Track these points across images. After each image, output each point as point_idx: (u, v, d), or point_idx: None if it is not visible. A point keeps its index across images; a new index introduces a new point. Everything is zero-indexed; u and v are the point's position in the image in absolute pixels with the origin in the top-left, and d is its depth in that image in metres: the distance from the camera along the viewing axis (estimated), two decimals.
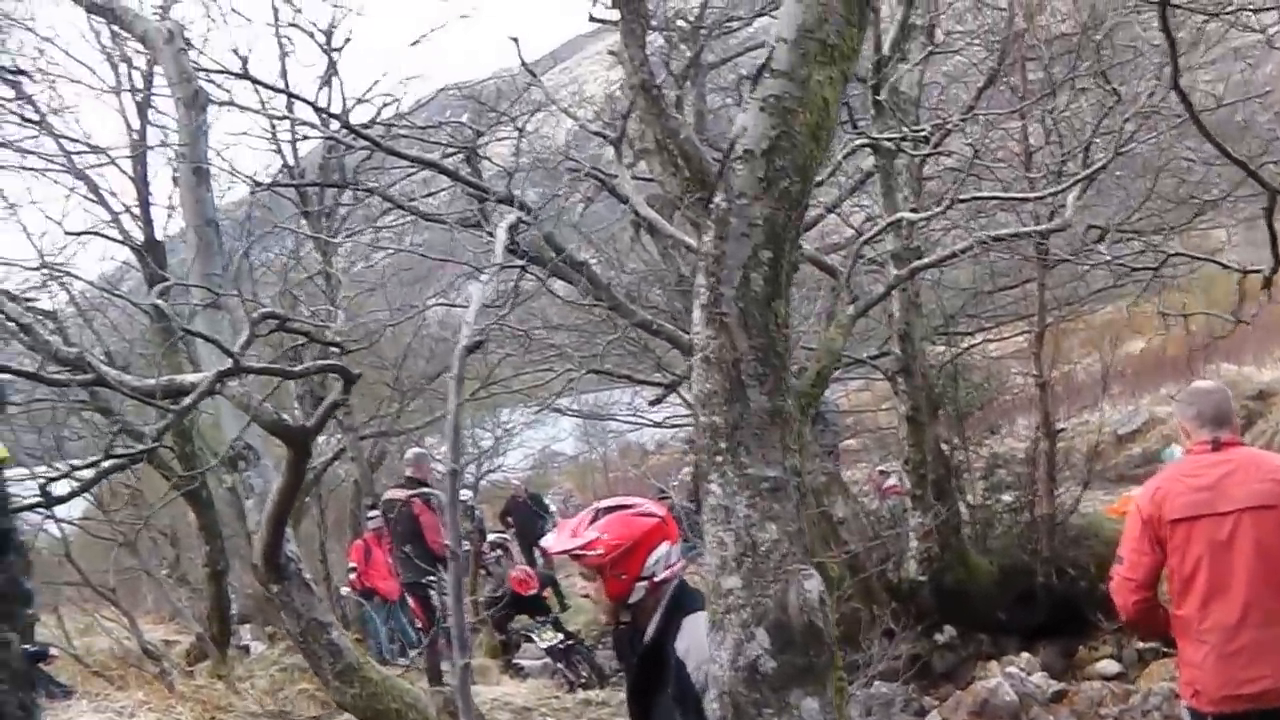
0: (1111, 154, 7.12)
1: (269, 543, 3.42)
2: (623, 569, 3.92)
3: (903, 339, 11.69)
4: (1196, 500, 5.05)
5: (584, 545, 3.90)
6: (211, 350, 3.72)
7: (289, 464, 3.20)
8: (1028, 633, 12.34)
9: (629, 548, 3.93)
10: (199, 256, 3.85)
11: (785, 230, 2.77)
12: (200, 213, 3.91)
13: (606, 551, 3.89)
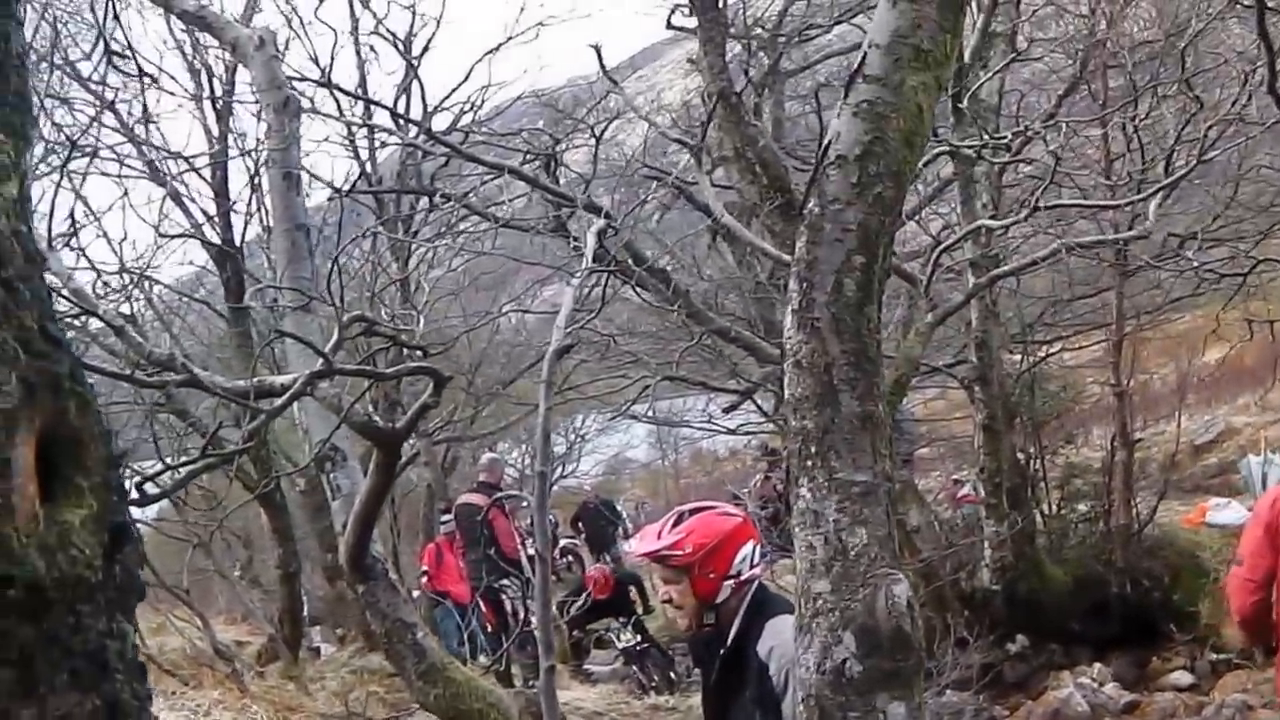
0: (1195, 162, 7.04)
1: (356, 543, 3.47)
2: (711, 568, 3.94)
3: (980, 347, 11.63)
4: None
5: (671, 545, 3.92)
6: (299, 353, 3.78)
7: (378, 466, 3.25)
8: (1100, 643, 12.24)
9: (715, 546, 3.95)
10: (288, 260, 3.91)
11: (878, 236, 2.77)
12: (290, 217, 3.97)
13: (694, 550, 3.91)
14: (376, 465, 3.28)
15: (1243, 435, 16.78)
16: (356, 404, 3.12)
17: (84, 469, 1.07)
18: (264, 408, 2.89)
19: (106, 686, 1.08)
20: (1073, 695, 10.77)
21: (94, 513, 1.08)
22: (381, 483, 3.31)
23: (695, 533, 3.95)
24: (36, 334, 1.02)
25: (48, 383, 1.02)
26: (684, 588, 3.99)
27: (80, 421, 1.06)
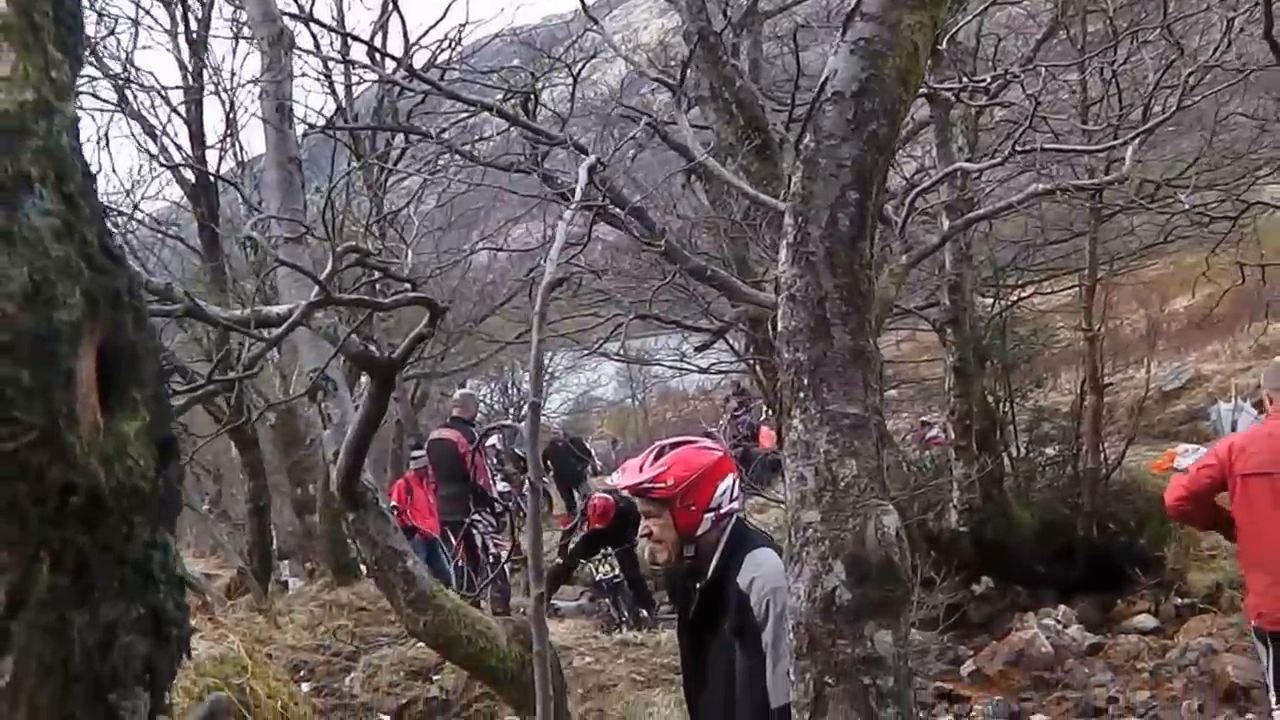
0: (1174, 108, 7.07)
1: (347, 471, 3.49)
2: (692, 500, 4.01)
3: (953, 290, 11.69)
4: (1273, 460, 5.94)
5: (653, 478, 3.99)
6: (292, 284, 3.80)
7: (372, 395, 3.28)
8: (1066, 586, 12.39)
9: (697, 479, 4.02)
10: (281, 193, 3.92)
11: (873, 172, 2.80)
12: (283, 150, 3.97)
13: (676, 483, 3.98)
14: (370, 394, 3.31)
15: (1212, 382, 16.94)
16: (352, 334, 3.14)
17: (139, 382, 1.09)
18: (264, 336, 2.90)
19: (151, 596, 1.11)
20: (1037, 636, 10.89)
21: (147, 425, 1.10)
22: (374, 411, 3.33)
23: (676, 466, 4.03)
24: (98, 249, 1.04)
25: (108, 297, 1.04)
26: (665, 521, 4.07)
27: (136, 335, 1.08)
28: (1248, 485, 6.04)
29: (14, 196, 0.97)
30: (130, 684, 1.09)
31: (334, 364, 3.86)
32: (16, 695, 1.00)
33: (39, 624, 1.00)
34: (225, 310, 3.26)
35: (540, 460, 1.92)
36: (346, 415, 3.67)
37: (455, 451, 13.47)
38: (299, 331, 3.46)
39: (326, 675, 10.66)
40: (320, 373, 3.59)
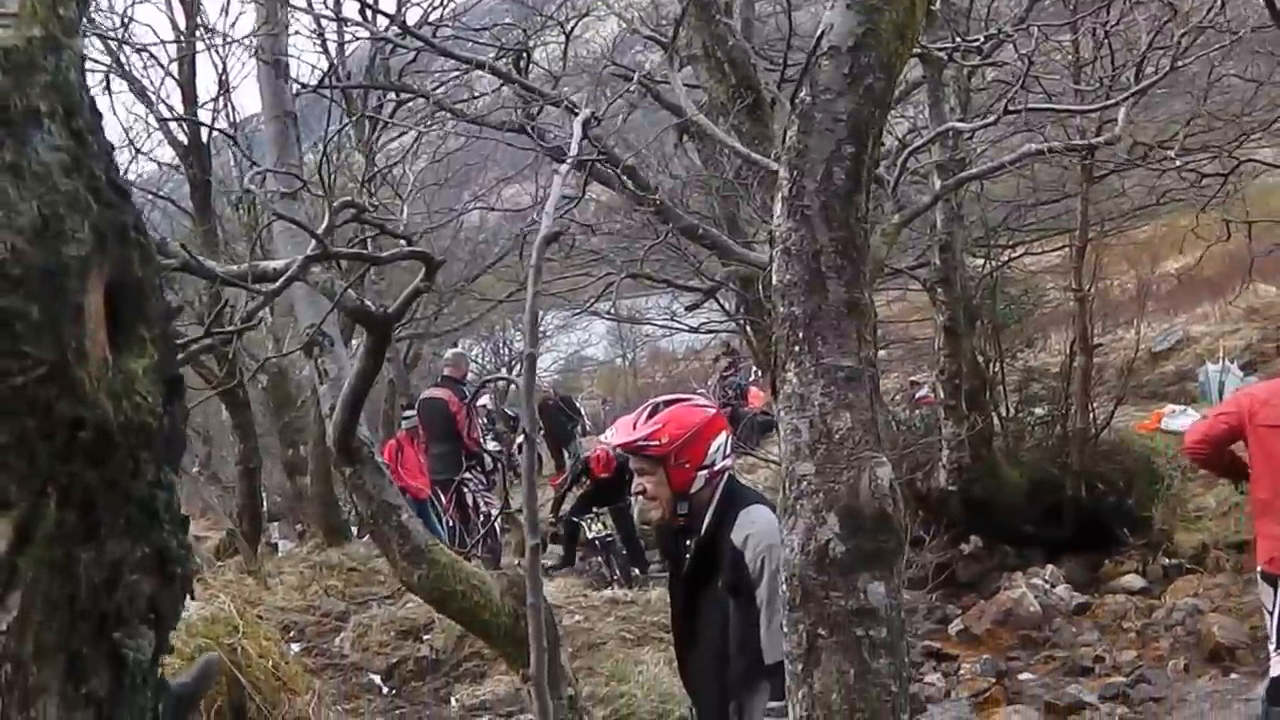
0: (1167, 69, 7.07)
1: (343, 426, 3.50)
2: (686, 457, 4.02)
3: (944, 250, 11.70)
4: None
5: (647, 436, 4.00)
6: (288, 240, 3.81)
7: (369, 349, 3.28)
8: (1054, 545, 12.46)
9: (690, 436, 4.03)
10: (277, 148, 3.92)
11: (869, 126, 2.80)
12: (279, 104, 3.96)
13: (670, 441, 4.00)
14: (367, 349, 3.31)
15: (1201, 344, 16.98)
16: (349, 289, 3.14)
17: (146, 320, 1.10)
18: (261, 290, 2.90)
19: (156, 535, 1.11)
20: (1025, 596, 10.96)
21: (154, 363, 1.10)
22: (370, 366, 3.34)
23: (670, 424, 4.04)
24: (105, 184, 1.04)
25: (116, 232, 1.05)
26: (659, 478, 4.08)
27: (143, 272, 1.09)
28: (1267, 436, 6.35)
29: (23, 131, 0.98)
30: (135, 622, 1.09)
31: (330, 320, 3.86)
32: (23, 631, 1.00)
33: (46, 560, 1.01)
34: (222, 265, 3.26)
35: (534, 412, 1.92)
36: (343, 371, 3.68)
37: (447, 410, 13.50)
38: (295, 288, 3.46)
39: (317, 635, 10.71)
40: (316, 328, 3.60)
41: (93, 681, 1.05)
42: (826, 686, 2.71)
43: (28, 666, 1.00)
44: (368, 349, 3.29)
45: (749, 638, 3.90)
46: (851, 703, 2.68)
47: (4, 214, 0.95)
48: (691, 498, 4.10)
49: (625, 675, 8.53)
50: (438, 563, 3.58)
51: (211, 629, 5.70)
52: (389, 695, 9.25)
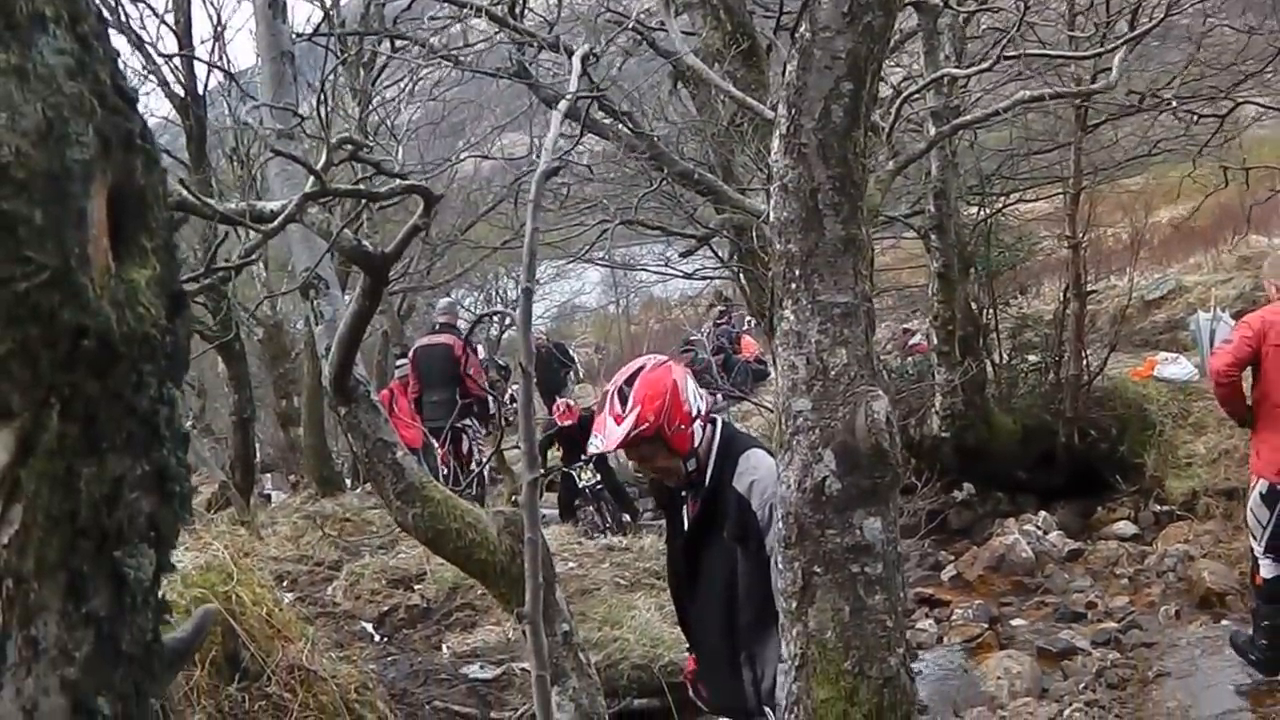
0: (1162, 16, 7.04)
1: (339, 366, 3.50)
2: (677, 419, 3.92)
3: (938, 197, 11.67)
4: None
5: (634, 424, 3.88)
6: (284, 180, 3.79)
7: (365, 290, 3.27)
8: (1046, 493, 12.52)
9: (669, 398, 3.93)
10: (274, 87, 3.89)
11: (867, 63, 2.79)
12: (276, 44, 3.93)
13: (656, 416, 3.89)
14: (363, 289, 3.30)
15: (1193, 293, 16.99)
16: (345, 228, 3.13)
17: (149, 230, 1.09)
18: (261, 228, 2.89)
19: (156, 453, 1.10)
20: (1017, 542, 11.02)
21: (157, 274, 1.10)
22: (367, 307, 3.33)
23: (645, 399, 3.92)
24: (110, 89, 1.03)
25: (121, 137, 1.04)
26: (663, 452, 3.98)
27: (147, 180, 1.08)
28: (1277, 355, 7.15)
29: (28, 34, 0.97)
30: (135, 540, 1.08)
31: (326, 264, 3.85)
32: (24, 545, 0.99)
33: (48, 473, 0.99)
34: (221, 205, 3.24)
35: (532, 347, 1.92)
36: (338, 313, 3.67)
37: (451, 354, 13.60)
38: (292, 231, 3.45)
39: (309, 585, 10.75)
40: (312, 271, 3.59)
41: (93, 600, 1.04)
42: (821, 624, 2.73)
43: (29, 583, 0.99)
44: (364, 289, 3.28)
45: (759, 585, 3.81)
46: (846, 640, 2.70)
47: (8, 117, 0.94)
48: (696, 451, 4.02)
49: (618, 620, 8.59)
50: (432, 500, 3.58)
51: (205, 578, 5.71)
52: (381, 642, 9.30)
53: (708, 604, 4.21)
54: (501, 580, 3.65)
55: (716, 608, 4.13)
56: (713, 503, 4.04)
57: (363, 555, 11.49)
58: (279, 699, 5.03)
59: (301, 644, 5.89)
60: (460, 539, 3.61)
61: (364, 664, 8.22)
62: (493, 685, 8.09)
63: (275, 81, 3.92)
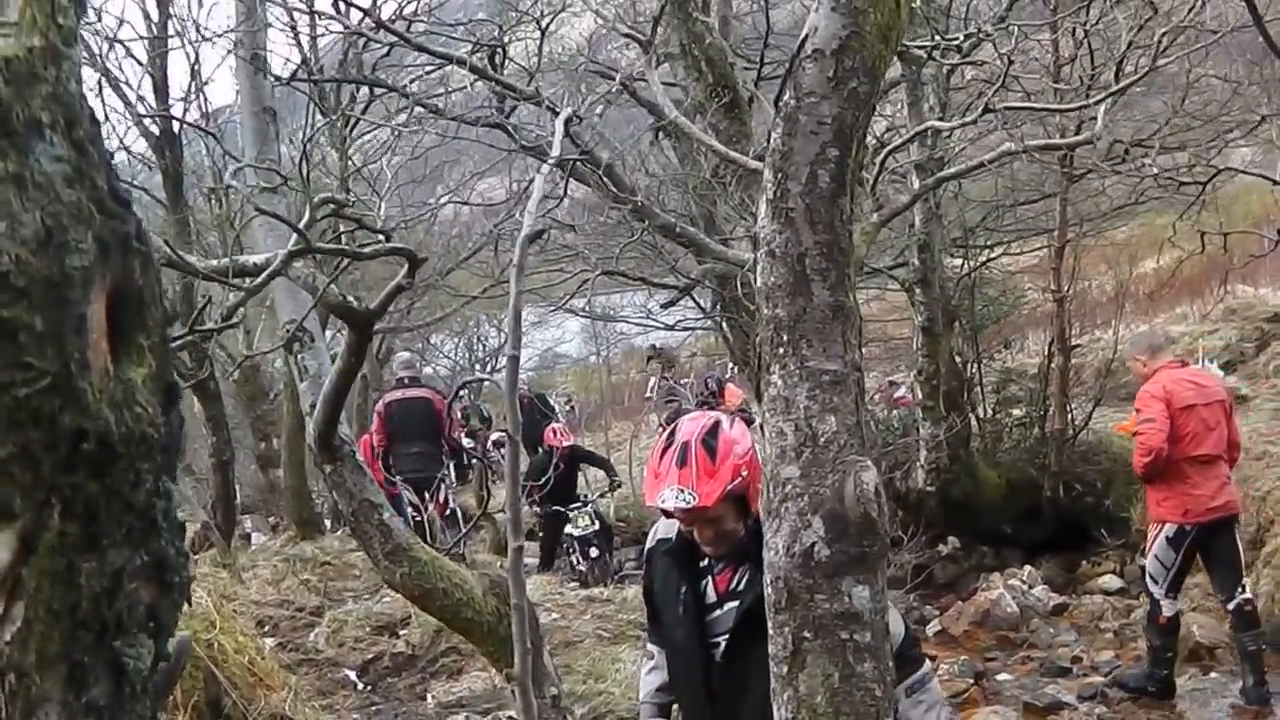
0: (1148, 68, 7.10)
1: (324, 424, 3.49)
2: (758, 477, 3.38)
3: (922, 250, 11.74)
4: (1194, 394, 8.50)
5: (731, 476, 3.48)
6: (268, 233, 3.81)
7: (350, 346, 3.27)
8: (1031, 547, 12.56)
9: (754, 454, 3.52)
10: (256, 143, 3.91)
11: (853, 129, 2.80)
12: (257, 99, 3.95)
13: (749, 469, 3.51)
14: (348, 346, 3.31)
15: (1180, 345, 17.06)
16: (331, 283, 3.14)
17: (145, 328, 1.10)
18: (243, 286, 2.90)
19: (154, 543, 1.12)
20: (1003, 597, 11.02)
21: (153, 371, 1.11)
22: (352, 363, 3.33)
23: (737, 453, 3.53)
24: (107, 194, 1.05)
25: (119, 242, 1.05)
26: (734, 513, 3.55)
27: (144, 281, 1.09)
28: (1188, 413, 8.44)
29: (26, 142, 0.98)
30: (135, 631, 1.10)
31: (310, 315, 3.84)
32: (26, 641, 1.01)
33: (49, 570, 1.01)
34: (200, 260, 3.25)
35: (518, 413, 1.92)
36: (323, 367, 3.67)
37: (432, 409, 13.66)
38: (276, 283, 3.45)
39: (291, 630, 10.70)
40: (298, 324, 3.59)
41: (93, 690, 1.05)
42: (812, 689, 2.72)
43: (30, 676, 1.01)
44: (349, 346, 3.28)
45: None
46: (836, 705, 2.69)
47: (7, 225, 0.95)
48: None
49: (602, 673, 8.55)
50: (419, 560, 3.57)
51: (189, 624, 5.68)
52: (364, 692, 9.24)
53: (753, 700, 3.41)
54: (489, 640, 3.64)
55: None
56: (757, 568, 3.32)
57: (345, 601, 11.45)
58: None
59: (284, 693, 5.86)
60: (447, 598, 3.59)
61: (347, 714, 8.17)
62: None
63: (257, 137, 3.94)
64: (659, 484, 3.50)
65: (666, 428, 3.92)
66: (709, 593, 3.68)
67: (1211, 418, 8.49)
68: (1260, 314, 16.84)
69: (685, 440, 3.54)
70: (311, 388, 3.66)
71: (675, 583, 3.74)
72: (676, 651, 3.80)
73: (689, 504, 3.43)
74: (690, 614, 3.68)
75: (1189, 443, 8.38)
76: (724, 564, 3.66)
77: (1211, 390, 8.71)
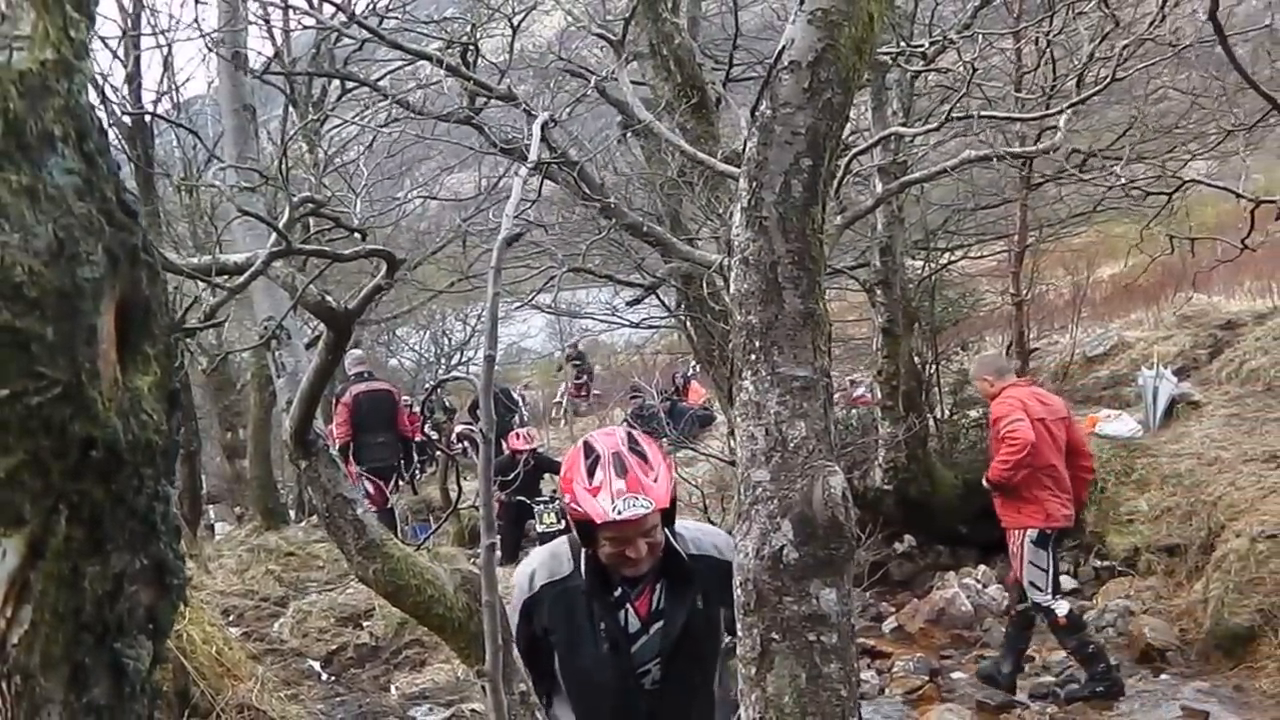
0: (1108, 79, 7.17)
1: (300, 420, 3.51)
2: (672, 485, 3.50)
3: (884, 252, 11.83)
4: (1042, 409, 9.11)
5: (668, 482, 3.47)
6: (247, 233, 3.81)
7: (328, 345, 3.29)
8: (987, 546, 12.60)
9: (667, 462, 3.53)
10: (236, 141, 3.91)
11: (826, 140, 2.85)
12: (237, 97, 3.95)
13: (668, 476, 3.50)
14: (326, 344, 3.32)
15: (1135, 349, 17.20)
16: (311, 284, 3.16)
17: (151, 337, 1.12)
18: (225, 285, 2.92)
19: (154, 547, 1.14)
20: (957, 595, 11.12)
21: (158, 379, 1.13)
22: (329, 361, 3.34)
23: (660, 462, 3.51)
24: (116, 206, 1.07)
25: (127, 254, 1.07)
26: (661, 521, 3.51)
27: (150, 291, 1.11)
28: (1043, 427, 8.99)
29: (39, 155, 1.00)
30: (134, 632, 1.12)
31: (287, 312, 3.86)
32: (33, 643, 1.03)
33: (55, 574, 1.04)
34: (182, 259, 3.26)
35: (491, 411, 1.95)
36: (300, 364, 3.69)
37: (393, 401, 13.89)
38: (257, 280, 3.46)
39: (255, 620, 10.70)
40: (278, 323, 3.61)
41: (94, 691, 1.08)
42: (779, 689, 2.76)
43: (35, 678, 1.03)
44: (326, 345, 3.30)
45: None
46: (803, 706, 2.74)
47: (21, 237, 0.97)
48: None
49: None
50: (391, 556, 3.60)
51: None
52: (329, 682, 9.25)
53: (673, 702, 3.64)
54: (459, 636, 3.66)
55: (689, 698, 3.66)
56: (681, 581, 3.57)
57: (309, 591, 11.46)
58: None
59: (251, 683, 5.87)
60: (419, 594, 3.61)
61: (312, 704, 8.16)
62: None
63: (237, 134, 3.94)
64: (600, 496, 3.39)
65: (630, 423, 3.92)
66: (631, 621, 3.60)
67: (1059, 433, 9.17)
68: (1214, 321, 17.01)
69: (613, 452, 3.47)
70: (288, 384, 3.67)
71: (586, 620, 3.61)
72: (597, 689, 3.66)
73: (647, 508, 3.36)
74: (617, 647, 3.58)
75: (1044, 453, 8.99)
76: (639, 588, 3.59)
77: (1056, 407, 9.38)
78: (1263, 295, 18.85)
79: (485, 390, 1.99)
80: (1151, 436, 13.18)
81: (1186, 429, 12.95)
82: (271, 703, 5.72)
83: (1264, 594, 9.08)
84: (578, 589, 3.61)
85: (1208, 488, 11.01)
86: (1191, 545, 10.59)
